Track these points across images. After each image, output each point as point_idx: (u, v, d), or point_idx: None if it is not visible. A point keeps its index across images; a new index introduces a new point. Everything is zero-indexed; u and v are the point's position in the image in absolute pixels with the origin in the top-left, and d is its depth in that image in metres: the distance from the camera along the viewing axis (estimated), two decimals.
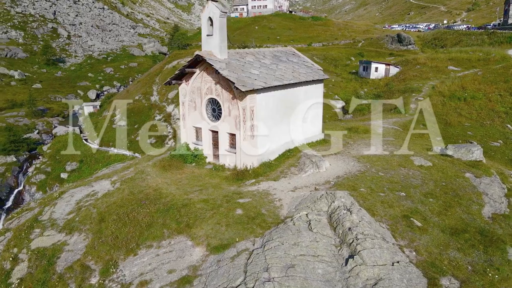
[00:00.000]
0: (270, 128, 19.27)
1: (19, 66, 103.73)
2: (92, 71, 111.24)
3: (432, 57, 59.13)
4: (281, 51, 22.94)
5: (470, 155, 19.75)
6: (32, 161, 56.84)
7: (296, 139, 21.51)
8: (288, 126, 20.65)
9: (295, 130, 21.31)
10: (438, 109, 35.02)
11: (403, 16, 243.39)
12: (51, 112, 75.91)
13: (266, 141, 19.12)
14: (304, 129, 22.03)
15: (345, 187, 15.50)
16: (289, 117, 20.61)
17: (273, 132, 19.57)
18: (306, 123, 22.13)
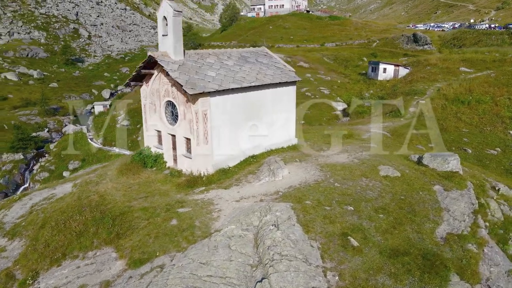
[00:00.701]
0: (229, 133, 18.37)
1: (38, 66, 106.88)
2: (109, 71, 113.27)
3: (445, 57, 56.52)
4: (251, 51, 21.96)
5: (445, 165, 18.17)
6: (39, 159, 58.12)
7: (263, 145, 20.49)
8: (252, 130, 19.67)
9: (262, 135, 20.30)
10: (437, 113, 33.08)
11: (430, 15, 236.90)
12: (63, 111, 77.65)
13: (224, 146, 18.22)
14: (273, 134, 20.97)
15: (292, 198, 14.39)
16: (253, 121, 19.63)
17: (233, 137, 18.65)
18: (275, 127, 21.07)
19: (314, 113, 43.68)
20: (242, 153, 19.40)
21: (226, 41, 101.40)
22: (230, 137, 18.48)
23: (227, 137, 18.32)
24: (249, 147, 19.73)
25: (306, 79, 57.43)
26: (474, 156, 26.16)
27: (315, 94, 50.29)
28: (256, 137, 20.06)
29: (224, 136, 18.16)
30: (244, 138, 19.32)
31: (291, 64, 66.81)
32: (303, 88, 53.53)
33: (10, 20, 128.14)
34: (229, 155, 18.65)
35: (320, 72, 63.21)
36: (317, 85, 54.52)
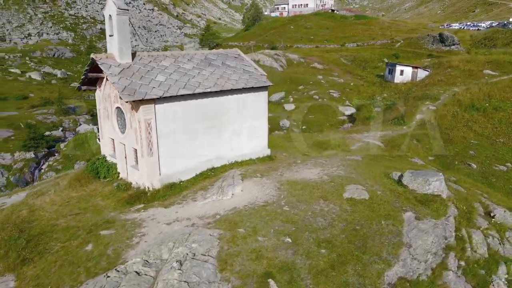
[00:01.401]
0: (182, 143, 16.63)
1: (64, 66, 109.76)
2: None
3: (468, 59, 52.25)
4: (220, 53, 20.11)
5: (426, 186, 15.59)
6: (49, 158, 58.86)
7: (226, 156, 18.61)
8: (212, 140, 17.85)
9: (224, 146, 18.44)
10: (446, 122, 29.88)
11: (467, 14, 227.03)
12: (80, 110, 78.78)
13: (176, 158, 16.51)
14: (239, 145, 19.05)
15: (226, 224, 12.45)
16: (214, 130, 17.79)
17: (188, 148, 16.90)
18: (242, 137, 19.13)
19: (317, 117, 41.24)
20: (200, 165, 17.61)
21: (245, 41, 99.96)
22: (183, 148, 16.74)
23: (179, 148, 16.59)
24: (208, 158, 17.91)
25: (317, 81, 54.86)
26: (479, 173, 23.07)
27: (323, 97, 47.73)
28: (218, 147, 18.22)
29: (176, 147, 16.44)
30: (202, 149, 17.52)
31: (303, 65, 64.37)
32: (311, 90, 51.10)
33: (40, 21, 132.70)
34: (182, 168, 16.91)
35: (334, 74, 60.36)
36: (328, 87, 51.86)
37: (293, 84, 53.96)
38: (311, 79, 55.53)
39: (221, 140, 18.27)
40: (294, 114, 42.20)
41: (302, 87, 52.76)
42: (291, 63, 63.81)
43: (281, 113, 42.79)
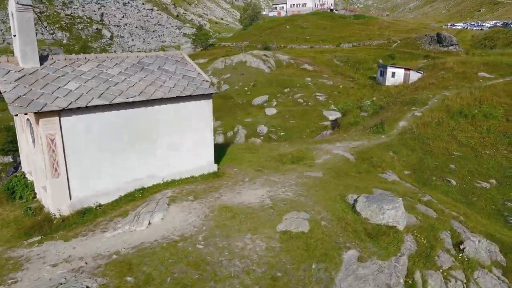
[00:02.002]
0: (100, 161, 14.30)
1: None
2: None
3: (464, 60, 49.52)
4: (159, 56, 17.77)
5: (380, 215, 13.15)
6: None
7: (160, 174, 16.27)
8: (142, 157, 15.51)
9: (158, 163, 16.10)
10: (429, 130, 27.32)
11: (472, 13, 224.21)
12: None
13: (91, 179, 14.19)
14: (178, 161, 16.70)
15: (118, 268, 10.10)
16: (144, 145, 15.45)
17: (108, 167, 14.56)
18: (181, 152, 16.77)
19: (299, 123, 38.78)
20: (125, 186, 15.27)
21: (238, 41, 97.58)
22: (102, 167, 14.41)
23: (97, 168, 14.26)
24: (137, 178, 15.58)
25: (305, 83, 52.35)
26: (459, 190, 20.53)
27: (308, 101, 45.20)
28: (150, 165, 15.88)
29: (92, 166, 14.12)
30: (128, 167, 15.18)
31: (293, 67, 61.89)
32: (297, 93, 48.60)
33: (36, 21, 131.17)
34: (102, 190, 14.58)
35: (324, 75, 57.78)
36: (315, 90, 49.33)
37: (279, 86, 51.55)
38: (298, 82, 53.05)
39: (154, 156, 15.93)
40: (274, 119, 39.78)
41: (288, 90, 50.31)
42: (280, 65, 61.37)
43: (261, 118, 40.36)
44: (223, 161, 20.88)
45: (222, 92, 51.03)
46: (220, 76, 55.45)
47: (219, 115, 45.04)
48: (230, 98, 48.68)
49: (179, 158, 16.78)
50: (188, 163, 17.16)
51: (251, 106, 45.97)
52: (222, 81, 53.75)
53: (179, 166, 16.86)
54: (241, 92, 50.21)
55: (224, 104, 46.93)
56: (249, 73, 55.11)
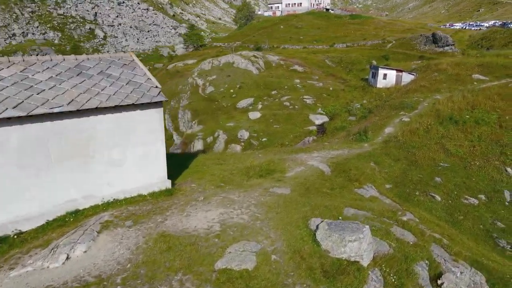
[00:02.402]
0: (20, 181, 12.31)
1: None
2: None
3: (458, 62, 47.61)
4: (102, 59, 15.77)
5: (341, 248, 11.16)
6: None
7: (100, 194, 14.28)
8: (76, 175, 13.51)
9: (97, 181, 14.10)
10: (416, 138, 25.35)
11: (472, 13, 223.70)
12: None
13: (8, 202, 12.20)
14: (121, 178, 14.70)
15: None
16: (77, 161, 13.46)
17: (31, 187, 12.58)
18: (126, 168, 14.78)
19: (283, 127, 36.80)
20: (54, 209, 13.27)
21: (231, 42, 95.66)
22: (23, 187, 12.42)
23: (15, 188, 12.28)
24: (70, 199, 13.58)
25: (293, 85, 50.39)
26: (444, 207, 18.56)
27: (295, 104, 43.23)
28: (86, 184, 13.89)
29: (9, 187, 12.14)
30: (57, 187, 13.19)
31: (282, 68, 59.93)
32: (284, 96, 46.62)
33: (27, 21, 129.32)
34: (24, 214, 12.59)
35: (314, 77, 55.82)
36: (303, 93, 47.36)
37: (267, 89, 49.60)
38: (287, 84, 51.12)
39: (91, 174, 13.93)
40: (257, 124, 37.82)
41: (275, 93, 48.36)
42: (269, 66, 59.40)
43: (244, 122, 38.39)
44: (184, 175, 18.95)
45: (207, 94, 49.06)
46: (206, 77, 53.46)
47: (202, 119, 43.11)
48: (215, 101, 46.74)
49: (123, 175, 14.78)
50: (134, 180, 15.16)
51: (235, 110, 44.03)
52: (208, 83, 51.77)
53: (123, 184, 14.86)
54: (226, 95, 48.27)
55: (207, 107, 45.00)
56: (236, 75, 53.14)
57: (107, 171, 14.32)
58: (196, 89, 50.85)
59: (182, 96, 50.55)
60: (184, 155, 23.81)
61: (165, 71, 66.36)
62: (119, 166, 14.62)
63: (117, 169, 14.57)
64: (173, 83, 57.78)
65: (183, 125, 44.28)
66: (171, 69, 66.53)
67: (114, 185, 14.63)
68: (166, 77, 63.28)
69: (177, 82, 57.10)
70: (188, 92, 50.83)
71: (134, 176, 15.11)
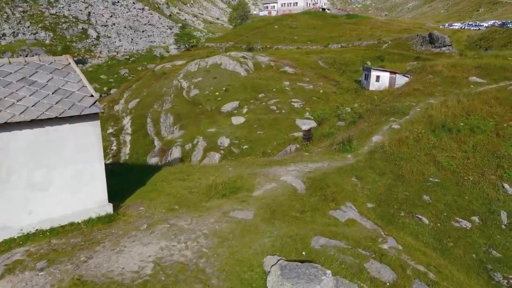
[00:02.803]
0: None
1: None
2: (107, 73, 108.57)
3: (454, 63, 45.32)
4: (29, 63, 13.48)
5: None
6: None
7: (18, 224, 12.02)
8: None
9: (13, 208, 11.85)
10: (404, 148, 23.07)
11: (471, 13, 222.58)
12: None
13: None
14: (44, 205, 12.42)
15: None
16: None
17: None
18: (53, 191, 12.51)
19: (267, 134, 34.51)
20: None
21: (223, 42, 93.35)
22: None
23: None
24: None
25: (282, 88, 48.11)
26: (432, 231, 16.28)
27: (282, 108, 40.94)
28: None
29: None
30: None
31: (272, 69, 57.64)
32: (271, 99, 44.33)
33: (18, 21, 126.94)
34: None
35: (305, 79, 53.53)
36: (291, 96, 45.07)
37: (254, 91, 47.32)
38: (275, 86, 48.83)
39: (5, 200, 11.67)
40: (240, 130, 35.53)
41: (263, 96, 46.09)
42: (258, 67, 57.12)
43: (226, 127, 36.10)
44: (137, 194, 16.68)
45: (191, 97, 46.78)
46: (191, 80, 51.13)
47: (184, 123, 40.84)
48: (199, 105, 44.46)
49: (49, 201, 12.51)
50: (64, 206, 12.87)
51: (219, 114, 41.77)
52: (192, 86, 49.45)
53: (49, 212, 12.58)
54: (211, 98, 45.98)
55: (190, 111, 42.72)
56: (223, 77, 50.86)
57: (27, 196, 12.05)
58: (181, 92, 48.56)
59: (166, 99, 48.30)
60: (146, 169, 21.60)
61: (151, 73, 64.10)
62: (44, 190, 12.34)
63: (41, 194, 12.30)
64: (157, 85, 55.43)
65: (165, 130, 42.04)
66: (158, 70, 64.22)
67: (37, 213, 12.34)
68: (152, 78, 60.93)
69: (161, 85, 54.79)
70: (172, 95, 48.55)
71: (64, 202, 12.83)
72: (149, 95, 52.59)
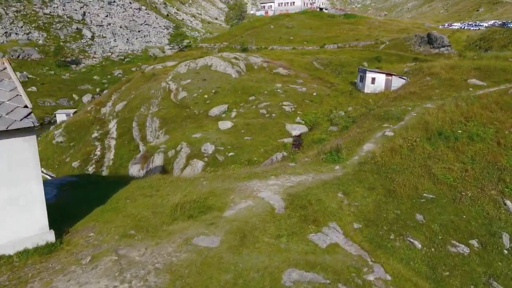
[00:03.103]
0: None
1: (28, 68, 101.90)
2: (101, 74, 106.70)
3: (453, 65, 43.49)
4: None
5: None
6: None
7: None
8: None
9: None
10: (397, 159, 21.19)
11: (471, 13, 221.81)
12: None
13: None
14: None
15: None
16: None
17: None
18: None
19: (255, 140, 32.66)
20: None
21: (217, 42, 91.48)
22: None
23: None
24: None
25: (273, 90, 46.23)
26: (425, 257, 14.40)
27: (272, 112, 39.05)
28: None
29: None
30: None
31: (265, 71, 55.77)
32: (262, 103, 42.46)
33: (11, 20, 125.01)
34: None
35: (298, 81, 51.65)
36: (284, 98, 43.19)
37: (244, 94, 45.47)
38: (267, 88, 46.96)
39: None
40: (226, 135, 33.65)
41: (253, 98, 44.21)
42: (251, 68, 55.25)
43: (212, 133, 34.23)
44: (92, 215, 14.79)
45: (179, 100, 44.91)
46: (180, 82, 49.26)
47: (169, 128, 38.97)
48: (186, 108, 42.59)
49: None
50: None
51: (207, 118, 39.91)
52: (181, 88, 47.57)
53: None
54: (199, 101, 44.11)
55: (177, 115, 40.85)
56: (213, 79, 49.00)
57: None
58: (168, 95, 46.70)
59: (153, 102, 46.42)
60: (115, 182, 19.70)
61: (141, 74, 62.18)
62: None
63: None
64: (146, 87, 53.50)
65: (150, 135, 40.20)
66: (147, 72, 62.32)
67: None
68: (141, 80, 59.00)
69: (150, 87, 52.88)
70: (159, 97, 46.67)
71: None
72: (136, 98, 50.70)
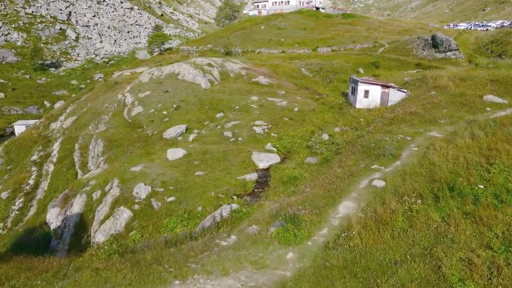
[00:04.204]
0: None
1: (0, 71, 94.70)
2: (79, 78, 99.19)
3: (463, 76, 35.59)
4: None
5: None
6: None
7: None
8: None
9: None
10: (385, 242, 13.50)
11: (477, 13, 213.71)
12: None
13: None
14: None
15: None
16: None
17: None
18: None
19: (207, 177, 24.95)
20: None
21: (201, 44, 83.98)
22: None
23: None
24: None
25: (247, 105, 38.61)
26: None
27: (240, 135, 31.44)
28: None
29: None
30: None
31: (242, 80, 47.98)
32: (230, 122, 34.75)
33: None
34: None
35: (280, 92, 44.00)
36: (257, 116, 35.51)
37: (212, 110, 37.95)
38: (240, 102, 39.38)
39: None
40: (174, 169, 26.00)
41: (221, 115, 36.67)
42: (226, 77, 47.72)
43: (156, 166, 26.59)
44: None
45: (132, 117, 37.44)
46: (138, 94, 41.77)
47: (112, 154, 31.38)
48: (138, 127, 35.16)
49: None
50: None
51: (160, 140, 32.41)
52: (137, 101, 40.05)
53: None
54: (155, 119, 36.65)
55: (125, 137, 33.40)
56: (177, 90, 41.49)
57: None
58: (122, 110, 39.25)
59: (103, 118, 39.00)
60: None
61: (104, 83, 54.73)
62: None
63: None
64: (101, 99, 46.06)
65: (92, 161, 32.88)
66: (111, 80, 54.88)
67: None
68: (102, 90, 51.39)
69: (105, 99, 45.38)
70: (109, 113, 39.27)
71: None
72: (87, 112, 43.19)
